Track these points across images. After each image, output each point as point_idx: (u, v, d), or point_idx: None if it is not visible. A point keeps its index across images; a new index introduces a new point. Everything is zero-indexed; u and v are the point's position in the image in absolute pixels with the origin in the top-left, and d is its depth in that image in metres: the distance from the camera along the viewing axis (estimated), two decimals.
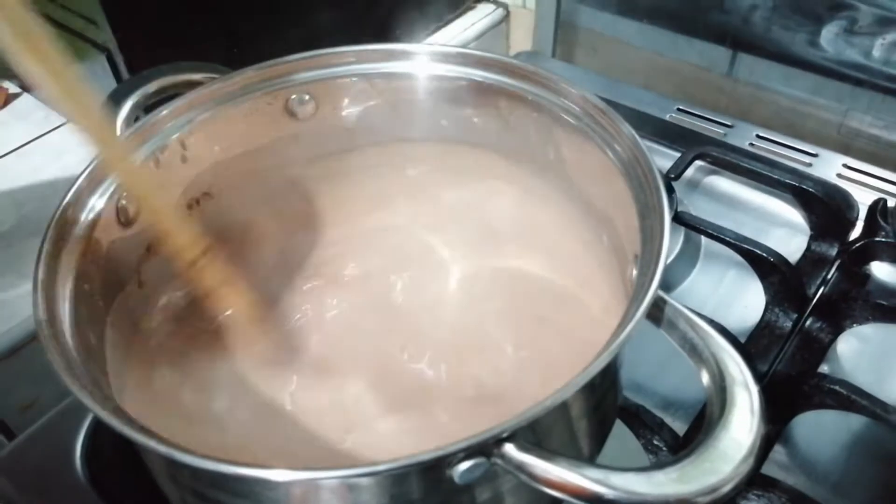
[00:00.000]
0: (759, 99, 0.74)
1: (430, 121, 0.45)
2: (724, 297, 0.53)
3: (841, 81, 0.67)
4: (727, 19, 0.71)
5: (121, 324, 0.37)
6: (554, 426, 0.30)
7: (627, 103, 0.68)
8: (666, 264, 0.30)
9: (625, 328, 0.28)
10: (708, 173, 0.63)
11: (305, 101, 0.43)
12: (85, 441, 0.44)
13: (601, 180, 0.38)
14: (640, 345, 0.35)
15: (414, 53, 0.43)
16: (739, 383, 0.28)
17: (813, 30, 0.67)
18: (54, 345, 0.29)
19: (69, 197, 0.35)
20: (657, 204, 0.32)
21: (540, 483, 0.25)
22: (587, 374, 0.26)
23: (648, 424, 0.43)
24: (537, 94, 0.40)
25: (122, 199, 0.37)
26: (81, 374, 0.29)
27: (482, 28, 0.87)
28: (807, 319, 0.50)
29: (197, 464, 0.25)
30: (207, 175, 0.43)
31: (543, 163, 0.43)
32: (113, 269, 0.37)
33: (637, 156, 0.35)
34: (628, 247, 0.36)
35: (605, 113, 0.37)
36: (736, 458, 0.26)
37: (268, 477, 0.26)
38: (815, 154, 0.64)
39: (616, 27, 0.80)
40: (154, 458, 0.33)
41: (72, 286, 0.33)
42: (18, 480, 0.43)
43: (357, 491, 0.28)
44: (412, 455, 0.25)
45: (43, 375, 0.55)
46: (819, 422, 0.44)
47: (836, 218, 0.56)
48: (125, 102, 0.41)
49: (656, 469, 0.25)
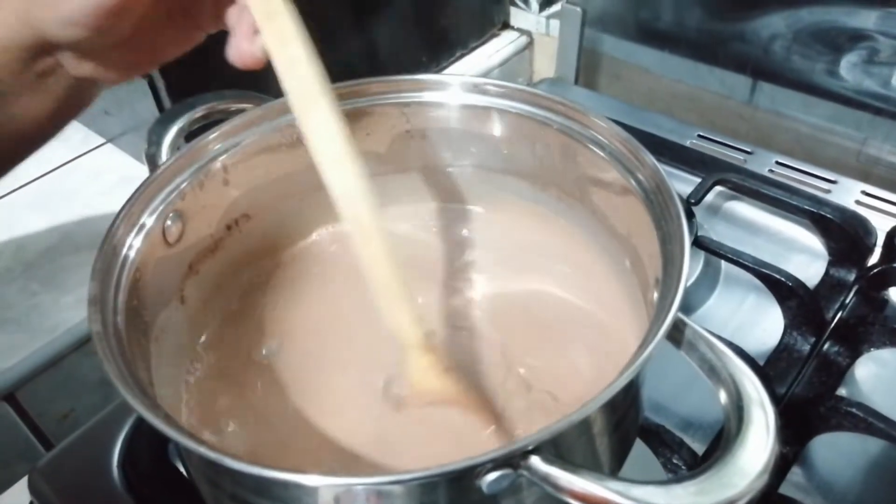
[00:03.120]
0: (778, 126, 0.75)
1: (460, 148, 0.47)
2: (744, 320, 0.54)
3: (860, 110, 0.68)
4: (748, 48, 0.72)
5: (164, 338, 0.39)
6: (577, 442, 0.32)
7: (649, 129, 0.70)
8: (686, 288, 0.31)
9: (646, 348, 0.29)
10: (728, 199, 0.64)
11: None
12: (122, 450, 0.46)
13: (623, 207, 0.40)
14: (661, 367, 0.36)
15: (445, 84, 0.44)
16: (756, 402, 0.29)
17: (832, 59, 0.68)
18: (109, 355, 0.31)
19: (121, 217, 0.37)
20: (678, 232, 0.34)
21: (564, 494, 0.27)
22: (611, 390, 0.28)
23: (668, 444, 0.44)
24: (563, 123, 0.42)
25: (168, 220, 0.39)
26: (132, 384, 0.30)
27: (506, 55, 0.89)
28: (825, 343, 0.51)
29: (238, 468, 0.27)
30: (247, 198, 0.45)
31: (568, 189, 0.45)
32: (157, 286, 0.39)
33: (659, 185, 0.36)
34: (650, 271, 0.37)
35: (629, 143, 0.39)
36: (751, 474, 0.27)
37: (301, 481, 0.27)
38: (834, 181, 0.64)
39: (638, 55, 0.82)
40: (195, 464, 0.35)
41: (123, 301, 0.35)
42: (58, 488, 0.45)
43: (388, 498, 0.29)
44: (443, 465, 0.26)
45: (80, 386, 0.58)
46: (836, 444, 0.45)
47: (854, 244, 0.57)
48: (171, 127, 0.43)
49: (675, 483, 0.27)
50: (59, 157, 0.76)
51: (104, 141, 0.78)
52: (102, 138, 0.78)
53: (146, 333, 0.38)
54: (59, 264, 0.63)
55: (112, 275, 0.35)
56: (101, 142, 0.78)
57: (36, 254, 0.65)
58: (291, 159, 0.45)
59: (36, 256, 0.64)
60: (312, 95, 0.34)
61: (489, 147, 0.46)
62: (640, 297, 0.40)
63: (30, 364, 0.55)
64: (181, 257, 0.42)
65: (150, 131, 0.43)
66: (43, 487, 0.45)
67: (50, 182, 0.73)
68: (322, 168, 0.35)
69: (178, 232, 0.40)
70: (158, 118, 0.44)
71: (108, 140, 0.78)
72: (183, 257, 0.42)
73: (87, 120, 0.79)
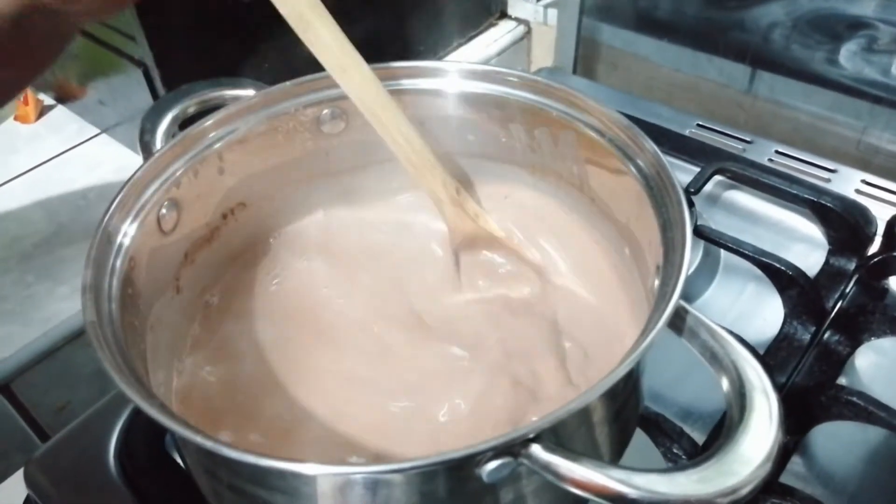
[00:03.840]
0: (778, 115, 0.75)
1: (458, 136, 0.46)
2: (743, 309, 0.54)
3: (859, 98, 0.68)
4: (747, 37, 0.72)
5: (160, 328, 0.39)
6: (577, 430, 0.31)
7: (648, 119, 0.69)
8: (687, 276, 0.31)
9: (647, 336, 0.29)
10: (727, 188, 0.64)
11: (336, 115, 0.45)
12: (118, 440, 0.46)
13: (623, 194, 0.39)
14: (661, 356, 0.36)
15: (443, 71, 0.44)
16: (758, 390, 0.29)
17: (832, 48, 0.67)
18: (104, 345, 0.30)
19: (115, 204, 0.36)
20: (679, 217, 0.34)
21: (565, 482, 0.27)
22: (612, 378, 0.28)
23: (668, 433, 0.44)
24: (562, 110, 0.41)
25: (164, 209, 0.39)
26: (128, 374, 0.30)
27: (504, 44, 0.89)
28: (825, 332, 0.51)
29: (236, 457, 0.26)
30: (243, 186, 0.44)
31: (567, 177, 0.44)
32: (153, 276, 0.39)
33: (659, 171, 0.36)
34: (650, 258, 0.37)
35: (629, 130, 0.38)
36: (754, 462, 0.26)
37: (299, 470, 0.27)
38: (834, 170, 0.64)
39: (636, 44, 0.81)
40: (192, 453, 0.34)
41: (117, 290, 0.34)
42: (54, 479, 0.45)
43: (388, 487, 0.29)
44: (443, 453, 0.26)
45: (76, 377, 0.57)
46: (837, 433, 0.45)
47: (854, 233, 0.57)
48: (166, 115, 0.43)
49: (678, 470, 0.26)
50: (54, 147, 0.75)
51: (99, 131, 0.77)
52: (97, 129, 0.77)
53: (141, 323, 0.37)
54: (55, 255, 0.63)
55: (107, 263, 0.35)
56: (96, 132, 0.77)
57: (31, 245, 0.64)
58: (287, 147, 0.44)
59: (31, 247, 0.64)
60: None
61: (487, 135, 0.46)
62: (641, 284, 0.40)
63: (25, 355, 0.55)
64: (177, 246, 0.41)
65: (144, 119, 0.42)
66: (39, 479, 0.45)
67: (45, 172, 0.73)
68: (335, 76, 0.40)
69: (173, 220, 0.40)
70: (153, 105, 0.43)
71: (103, 130, 0.77)
72: (179, 246, 0.41)
73: (82, 110, 0.79)
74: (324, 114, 0.45)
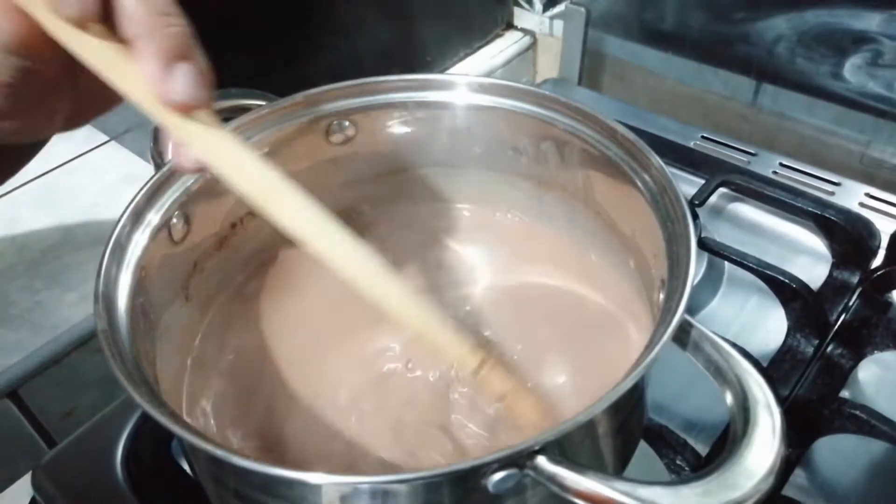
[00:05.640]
0: (782, 128, 0.75)
1: (465, 148, 0.46)
2: (747, 322, 0.54)
3: (864, 112, 0.68)
4: (752, 50, 0.72)
5: (169, 336, 0.39)
6: (582, 442, 0.32)
7: (652, 131, 0.70)
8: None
9: (653, 349, 0.29)
10: (731, 200, 0.65)
11: (345, 127, 0.45)
12: (125, 447, 0.46)
13: (629, 207, 0.40)
14: (665, 368, 0.36)
15: (451, 83, 0.44)
16: (762, 404, 0.29)
17: (836, 62, 0.68)
18: (116, 354, 0.31)
19: (126, 214, 0.37)
20: (684, 232, 0.34)
21: (570, 494, 0.27)
22: (617, 391, 0.28)
23: (672, 445, 0.44)
24: (568, 124, 0.42)
25: (175, 218, 0.39)
26: (139, 383, 0.30)
27: (510, 55, 0.89)
28: (828, 345, 0.51)
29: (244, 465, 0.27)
30: None
31: (573, 189, 0.45)
32: (163, 284, 0.39)
33: (665, 185, 0.36)
34: (655, 272, 0.37)
35: (635, 143, 0.39)
36: (757, 476, 0.27)
37: (306, 479, 0.27)
38: (838, 183, 0.65)
39: (642, 56, 0.82)
40: (200, 461, 0.35)
41: (127, 299, 0.35)
42: (61, 485, 0.45)
43: (393, 497, 0.29)
44: (449, 464, 0.26)
45: (83, 383, 0.58)
46: (839, 446, 0.45)
47: (858, 246, 0.57)
48: None
49: (681, 483, 0.27)
50: (63, 154, 0.76)
51: (108, 139, 0.78)
52: (106, 136, 0.78)
53: (151, 331, 0.37)
54: (63, 262, 0.64)
55: (118, 273, 0.35)
56: (105, 139, 0.77)
57: (39, 251, 0.65)
58: (296, 157, 0.45)
59: (39, 254, 0.64)
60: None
61: (494, 147, 0.46)
62: (646, 297, 0.40)
63: (33, 361, 0.55)
64: (187, 255, 0.41)
65: (154, 128, 0.43)
66: (46, 485, 0.45)
67: (53, 179, 0.73)
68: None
69: (183, 230, 0.40)
70: None
71: (112, 138, 0.78)
72: (188, 255, 0.42)
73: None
74: (333, 125, 0.45)
